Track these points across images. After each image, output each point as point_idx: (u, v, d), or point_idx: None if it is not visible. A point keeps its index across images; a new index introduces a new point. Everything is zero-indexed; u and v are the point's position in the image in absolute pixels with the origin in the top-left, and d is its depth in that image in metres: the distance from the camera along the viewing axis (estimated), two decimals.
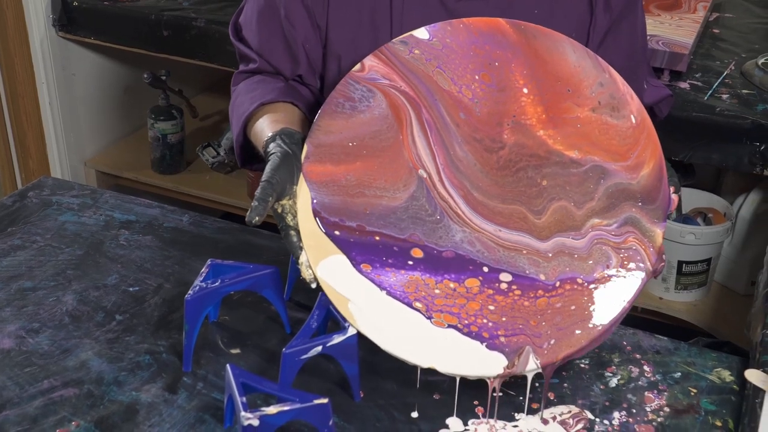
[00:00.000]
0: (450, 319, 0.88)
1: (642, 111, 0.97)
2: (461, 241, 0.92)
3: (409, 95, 0.99)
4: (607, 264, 0.92)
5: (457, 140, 0.97)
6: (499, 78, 0.99)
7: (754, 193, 2.02)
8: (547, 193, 0.95)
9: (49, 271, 1.20)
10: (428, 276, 0.90)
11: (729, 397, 1.02)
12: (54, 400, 0.98)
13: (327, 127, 0.98)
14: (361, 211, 0.93)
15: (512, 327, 0.88)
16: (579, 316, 0.90)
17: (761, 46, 1.97)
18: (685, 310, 2.03)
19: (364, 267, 0.90)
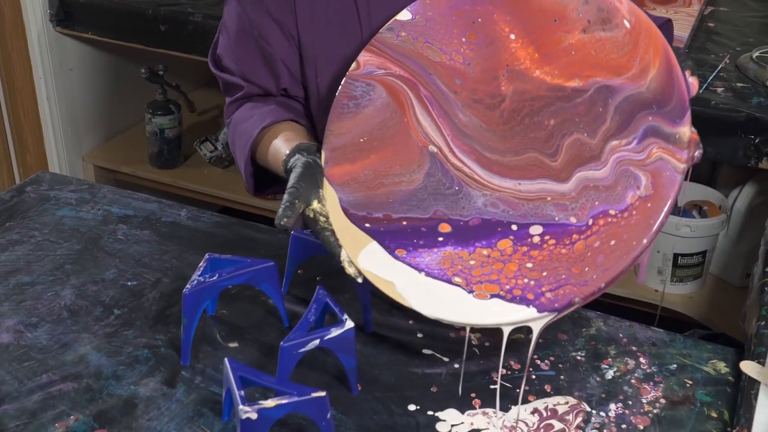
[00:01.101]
0: (491, 288, 0.87)
1: (634, 10, 0.94)
2: (484, 205, 0.92)
3: (405, 77, 1.01)
4: (637, 186, 0.87)
5: (458, 107, 0.98)
6: (485, 33, 0.99)
7: (749, 185, 2.02)
8: (557, 131, 0.93)
9: (47, 266, 1.21)
10: (460, 249, 0.90)
11: (724, 389, 1.03)
12: (53, 394, 0.99)
13: (338, 129, 1.01)
14: (384, 201, 0.95)
15: (555, 280, 0.86)
16: (622, 249, 0.85)
17: (756, 40, 1.98)
18: (680, 302, 2.04)
19: (398, 252, 0.91)
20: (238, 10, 1.17)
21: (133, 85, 2.58)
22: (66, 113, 2.46)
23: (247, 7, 1.16)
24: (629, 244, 0.85)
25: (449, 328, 1.10)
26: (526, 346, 1.08)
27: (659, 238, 1.97)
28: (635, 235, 0.85)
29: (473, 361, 1.05)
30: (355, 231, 0.94)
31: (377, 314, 1.10)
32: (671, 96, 0.90)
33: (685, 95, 0.90)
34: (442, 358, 1.05)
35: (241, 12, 1.17)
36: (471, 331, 1.10)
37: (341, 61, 1.17)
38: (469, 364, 1.05)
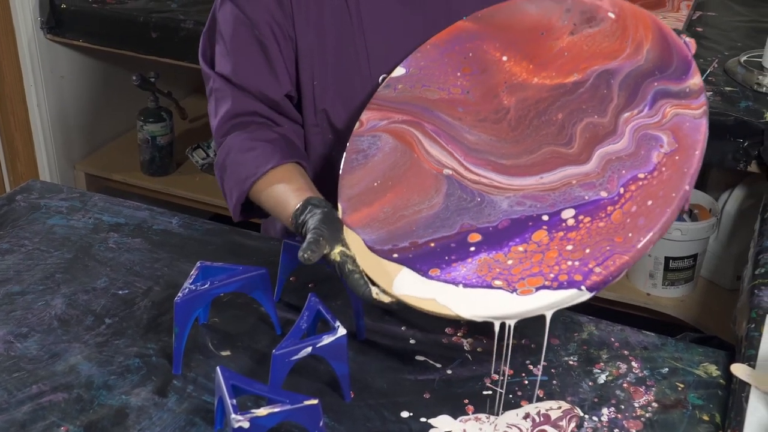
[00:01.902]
0: (534, 281, 0.85)
1: (615, 2, 0.97)
2: (510, 206, 0.90)
3: (408, 120, 1.02)
4: (660, 145, 0.87)
5: (465, 130, 0.98)
6: (478, 63, 1.01)
7: (739, 189, 2.03)
8: (567, 121, 0.93)
9: (37, 275, 1.20)
10: (495, 252, 0.87)
11: (716, 392, 1.03)
12: (43, 405, 0.98)
13: (350, 182, 1.02)
14: (407, 230, 0.94)
15: (601, 254, 0.83)
16: (661, 205, 0.83)
17: (743, 44, 1.98)
18: (672, 306, 2.04)
19: (432, 272, 0.89)
20: (234, 12, 1.16)
21: (125, 93, 2.57)
22: (57, 121, 2.46)
23: (245, 8, 1.15)
24: (668, 198, 0.84)
25: (442, 335, 1.10)
26: (518, 352, 1.08)
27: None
28: (672, 188, 0.84)
29: (466, 367, 1.05)
30: (385, 264, 0.92)
31: (370, 321, 1.10)
32: (671, 59, 0.91)
33: (686, 52, 0.92)
34: (435, 365, 1.05)
35: (238, 14, 1.16)
36: (463, 337, 1.10)
37: (335, 63, 1.17)
38: (461, 370, 1.05)
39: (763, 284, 1.11)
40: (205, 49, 1.23)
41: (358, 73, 1.18)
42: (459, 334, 1.10)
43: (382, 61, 1.17)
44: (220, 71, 1.19)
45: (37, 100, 2.39)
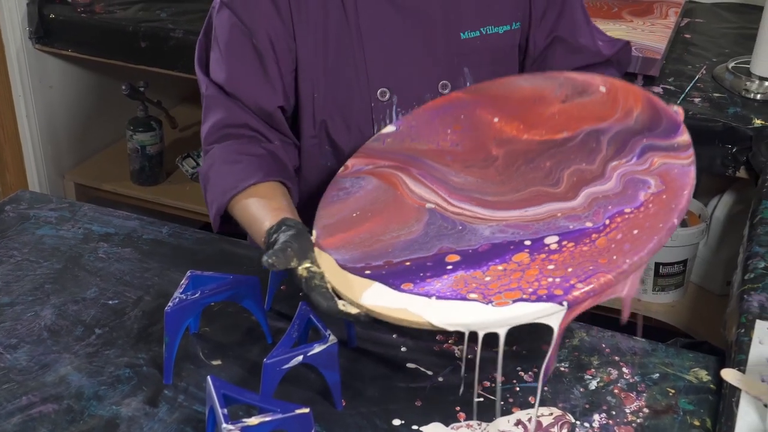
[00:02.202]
0: (512, 295, 0.81)
1: (607, 79, 0.99)
2: (492, 233, 0.88)
3: (394, 165, 1.02)
4: (647, 186, 0.87)
5: (452, 174, 0.98)
6: (470, 122, 1.02)
7: (728, 194, 2.04)
8: (555, 167, 0.93)
9: (26, 286, 1.20)
10: (472, 270, 0.85)
11: (707, 397, 1.03)
12: (33, 416, 0.98)
13: (327, 213, 1.01)
14: (383, 252, 0.92)
15: (583, 272, 0.80)
16: (648, 234, 0.82)
17: (731, 51, 2.00)
18: (662, 311, 2.05)
19: (405, 286, 0.86)
20: (232, 20, 1.15)
21: (114, 102, 2.57)
22: (46, 131, 2.45)
23: (243, 16, 1.14)
24: (655, 228, 0.83)
25: (433, 342, 1.10)
26: (510, 358, 1.08)
27: None
28: (659, 220, 0.83)
29: (457, 375, 1.05)
30: (355, 279, 0.89)
31: (360, 329, 1.10)
32: (661, 121, 0.93)
33: (675, 116, 0.94)
34: (426, 372, 1.05)
35: (236, 22, 1.15)
36: (455, 344, 1.10)
37: (335, 75, 1.17)
38: (452, 377, 1.05)
39: (753, 289, 1.12)
40: (201, 55, 1.22)
41: (357, 86, 1.18)
42: (450, 342, 1.10)
43: (381, 75, 1.17)
44: (214, 78, 1.18)
45: (26, 110, 2.38)
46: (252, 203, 1.08)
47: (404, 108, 1.19)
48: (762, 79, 1.78)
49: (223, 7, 1.16)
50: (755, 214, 1.32)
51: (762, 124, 1.67)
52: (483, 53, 1.20)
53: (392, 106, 1.19)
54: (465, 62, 1.20)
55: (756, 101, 1.77)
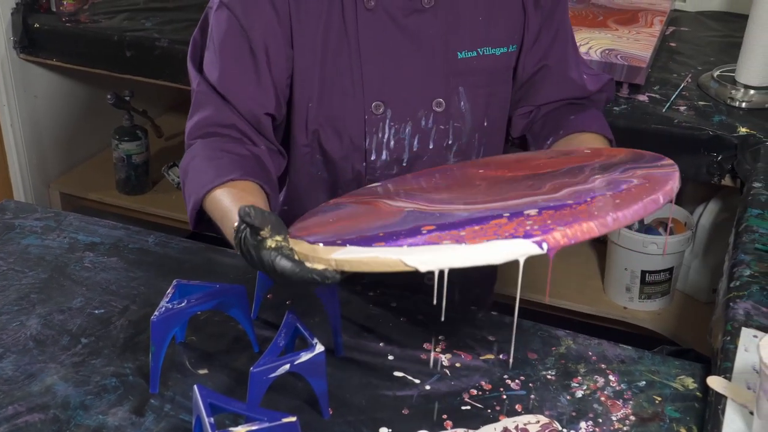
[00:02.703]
0: (486, 238, 0.78)
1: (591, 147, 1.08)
2: (470, 214, 0.86)
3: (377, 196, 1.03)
4: (630, 182, 0.87)
5: (434, 195, 0.99)
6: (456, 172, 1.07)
7: (713, 202, 2.05)
8: (538, 182, 0.94)
9: (12, 296, 1.19)
10: (448, 231, 0.82)
11: (693, 404, 1.04)
12: (19, 426, 0.97)
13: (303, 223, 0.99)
14: (356, 230, 0.91)
15: (562, 222, 0.77)
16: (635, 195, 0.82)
17: (716, 59, 2.01)
18: (649, 319, 2.05)
19: (377, 244, 0.83)
20: (231, 20, 1.14)
21: (99, 111, 2.56)
22: (31, 140, 2.44)
23: (242, 18, 1.13)
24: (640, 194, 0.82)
25: (420, 350, 1.10)
26: (497, 366, 1.08)
27: (626, 255, 2.00)
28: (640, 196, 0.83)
29: (444, 382, 1.05)
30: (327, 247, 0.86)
31: (347, 337, 1.10)
32: (644, 157, 0.97)
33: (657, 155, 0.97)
34: (414, 380, 1.05)
35: (234, 23, 1.13)
36: (442, 352, 1.10)
37: (330, 87, 1.17)
38: (440, 385, 1.05)
39: (738, 297, 1.12)
40: (194, 51, 1.20)
41: (352, 98, 1.18)
42: (437, 350, 1.11)
43: (377, 88, 1.18)
44: (207, 76, 1.16)
45: (10, 119, 2.37)
46: (226, 196, 1.04)
47: (397, 122, 1.20)
48: (747, 87, 1.80)
49: (222, 6, 1.15)
50: (741, 221, 1.33)
51: (747, 132, 1.68)
52: (479, 74, 1.21)
53: (386, 120, 1.19)
54: (461, 82, 1.21)
55: (741, 109, 1.78)
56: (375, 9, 1.15)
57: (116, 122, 2.45)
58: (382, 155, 1.21)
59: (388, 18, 1.16)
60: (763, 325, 1.07)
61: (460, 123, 1.22)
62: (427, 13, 1.17)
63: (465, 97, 1.22)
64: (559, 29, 1.25)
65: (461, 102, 1.21)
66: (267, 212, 0.89)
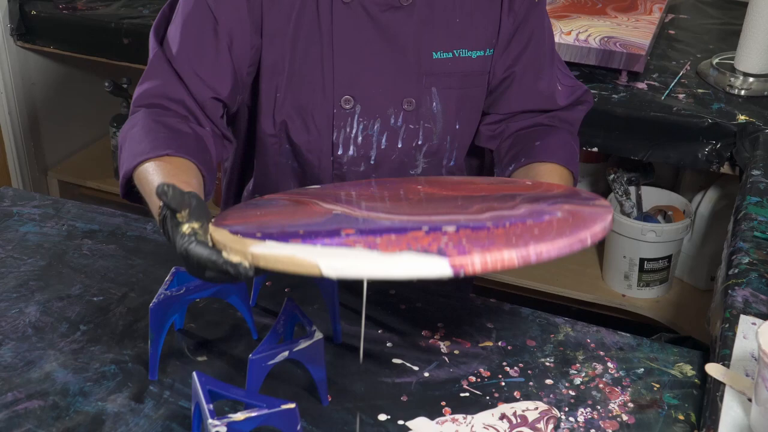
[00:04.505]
0: (400, 248, 0.78)
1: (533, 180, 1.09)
2: (392, 223, 0.87)
3: (311, 196, 1.01)
4: (554, 214, 0.86)
5: (364, 201, 0.98)
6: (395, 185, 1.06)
7: (712, 190, 2.05)
8: (467, 202, 0.95)
9: (10, 283, 1.19)
10: (366, 237, 0.82)
11: (691, 391, 1.04)
12: (18, 412, 0.97)
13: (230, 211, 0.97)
14: (279, 225, 0.90)
15: (478, 243, 0.76)
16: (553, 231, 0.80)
17: (715, 47, 2.01)
18: (647, 307, 2.06)
19: (293, 240, 0.83)
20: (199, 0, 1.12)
21: (97, 99, 2.56)
22: (28, 128, 2.44)
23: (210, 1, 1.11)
24: (562, 228, 0.81)
25: (419, 337, 1.10)
26: (496, 353, 1.08)
27: (624, 243, 2.01)
28: (566, 225, 0.82)
29: (443, 369, 1.05)
30: (246, 239, 0.84)
31: (346, 324, 1.10)
32: (579, 195, 0.94)
33: (594, 194, 0.96)
34: (412, 367, 1.06)
35: (202, 3, 1.12)
36: (440, 340, 1.10)
37: (299, 79, 1.16)
38: (439, 372, 1.05)
39: (737, 284, 1.12)
40: (159, 22, 1.18)
41: (322, 91, 1.17)
42: (436, 337, 1.11)
43: (347, 83, 1.17)
44: (165, 49, 1.14)
45: (8, 107, 2.37)
46: (157, 171, 0.99)
47: (366, 118, 1.19)
48: (746, 75, 1.79)
49: None
50: (739, 209, 1.33)
51: (746, 120, 1.68)
52: (453, 76, 1.20)
53: (354, 115, 1.18)
54: (434, 82, 1.19)
55: (740, 97, 1.78)
56: (351, 4, 1.14)
57: (114, 110, 2.45)
58: (350, 150, 1.20)
59: (363, 13, 1.15)
60: (761, 313, 1.07)
61: (430, 124, 1.21)
62: (403, 11, 1.15)
63: (437, 98, 1.20)
64: (533, 37, 1.22)
65: (433, 103, 1.20)
66: (189, 194, 0.86)
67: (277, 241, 0.83)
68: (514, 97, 1.23)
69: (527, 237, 0.78)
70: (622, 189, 2.05)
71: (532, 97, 1.24)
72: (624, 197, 2.06)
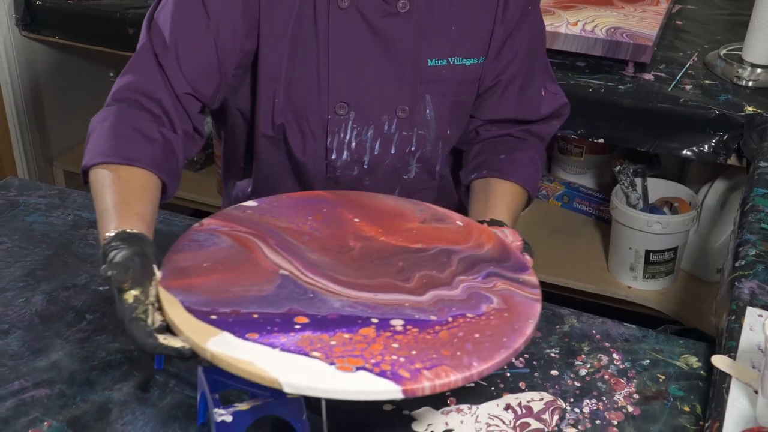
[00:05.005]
0: (355, 361, 0.81)
1: (464, 218, 1.08)
2: (341, 306, 0.90)
3: (251, 232, 1.01)
4: (490, 302, 0.91)
5: (308, 251, 0.98)
6: (331, 216, 1.05)
7: (719, 181, 2.05)
8: (408, 268, 0.97)
9: (17, 272, 1.19)
10: (320, 333, 0.85)
11: (696, 383, 1.04)
12: (25, 401, 0.98)
13: (177, 259, 0.96)
14: (232, 301, 0.89)
15: (428, 359, 0.82)
16: (489, 341, 0.85)
17: (723, 38, 2.00)
18: (653, 299, 2.05)
19: (250, 336, 0.84)
20: None
21: (102, 89, 2.53)
22: (34, 118, 2.44)
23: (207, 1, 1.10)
24: (497, 340, 0.86)
25: None
26: None
27: (629, 235, 2.00)
28: (500, 333, 0.87)
29: None
30: (200, 324, 0.85)
31: None
32: (509, 259, 0.99)
33: (523, 259, 1.00)
34: None
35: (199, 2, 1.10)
36: None
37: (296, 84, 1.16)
38: None
39: (744, 276, 1.12)
40: (152, 12, 1.16)
41: (317, 97, 1.17)
42: None
43: (342, 89, 1.16)
44: (153, 36, 1.12)
45: (13, 97, 2.37)
46: (111, 191, 0.99)
47: (360, 125, 1.19)
48: (754, 66, 1.79)
49: None
50: (746, 201, 1.33)
51: (753, 111, 1.67)
52: (448, 83, 1.20)
53: (348, 122, 1.18)
54: (428, 90, 1.19)
55: (748, 88, 1.77)
56: (348, 9, 1.13)
57: None
58: (343, 155, 1.20)
59: (360, 19, 1.14)
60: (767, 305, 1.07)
61: (424, 131, 1.21)
62: (400, 17, 1.15)
63: (431, 105, 1.20)
64: (524, 45, 1.22)
65: (427, 110, 1.20)
66: (128, 265, 0.85)
67: (234, 335, 0.84)
68: (497, 106, 1.24)
69: (470, 348, 0.84)
70: (628, 180, 2.05)
71: (514, 107, 1.24)
72: (630, 189, 2.05)
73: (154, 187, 1.04)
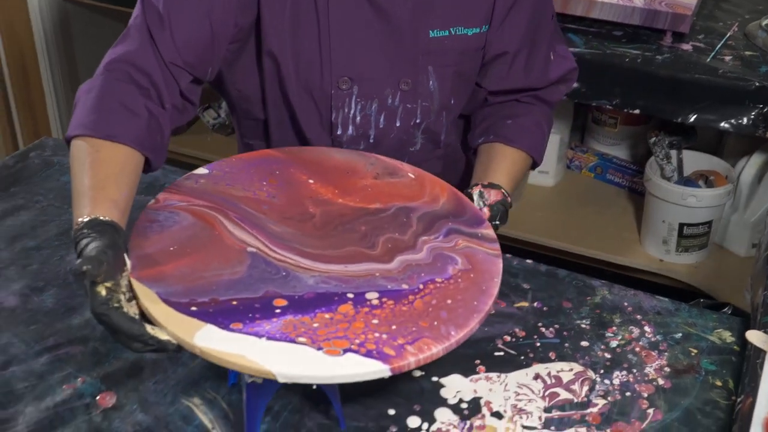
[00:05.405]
0: (341, 343, 0.83)
1: (415, 169, 1.10)
2: (315, 283, 0.90)
3: (209, 206, 1.00)
4: (455, 263, 0.93)
5: (270, 222, 0.98)
6: (284, 178, 1.05)
7: (756, 155, 2.01)
8: (370, 233, 0.97)
9: (52, 231, 1.21)
10: (301, 315, 0.86)
11: (729, 358, 1.03)
12: (60, 357, 0.99)
13: (141, 243, 0.94)
14: (207, 289, 0.89)
15: (408, 333, 0.84)
16: (461, 306, 0.88)
17: (765, 8, 1.96)
18: (685, 272, 2.04)
19: (234, 326, 0.84)
20: None
21: None
22: (68, 79, 2.46)
23: None
24: (468, 304, 0.88)
25: None
26: (531, 314, 1.08)
27: (663, 207, 1.98)
28: (470, 296, 0.89)
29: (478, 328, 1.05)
30: (182, 317, 0.85)
31: None
32: (465, 212, 1.01)
33: (478, 212, 1.03)
34: None
35: None
36: None
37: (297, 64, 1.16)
38: None
39: None
40: None
41: (320, 72, 1.16)
42: None
43: (344, 64, 1.15)
44: (146, 12, 1.12)
45: (48, 59, 2.38)
46: (88, 171, 0.96)
47: (363, 99, 1.18)
48: None
49: None
50: None
51: None
52: (449, 53, 1.18)
53: (352, 96, 1.17)
54: (430, 61, 1.18)
55: None
56: None
57: None
58: (348, 130, 1.20)
59: None
60: None
61: (428, 102, 1.20)
62: None
63: (434, 77, 1.19)
64: (529, 12, 1.20)
65: (429, 81, 1.19)
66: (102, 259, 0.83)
67: (218, 326, 0.84)
68: (506, 79, 1.22)
69: (445, 316, 0.86)
70: (663, 152, 2.02)
71: (522, 79, 1.23)
72: (665, 161, 2.03)
73: (134, 165, 1.01)
